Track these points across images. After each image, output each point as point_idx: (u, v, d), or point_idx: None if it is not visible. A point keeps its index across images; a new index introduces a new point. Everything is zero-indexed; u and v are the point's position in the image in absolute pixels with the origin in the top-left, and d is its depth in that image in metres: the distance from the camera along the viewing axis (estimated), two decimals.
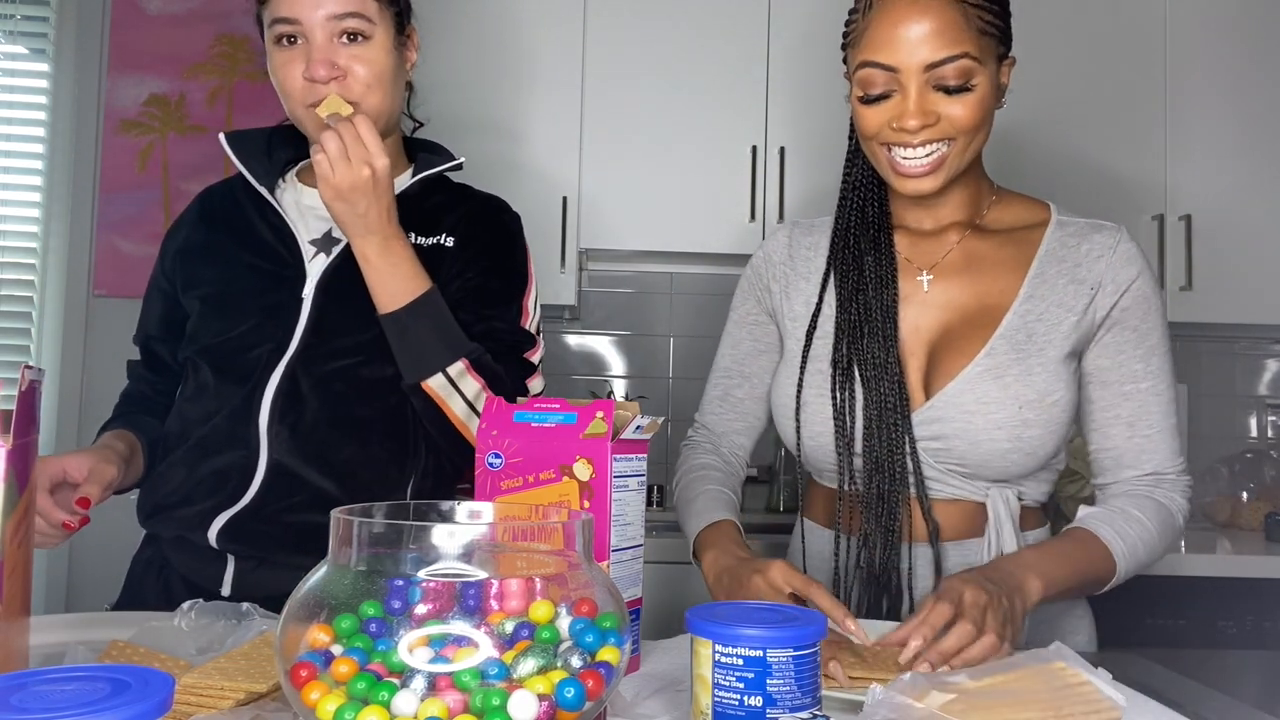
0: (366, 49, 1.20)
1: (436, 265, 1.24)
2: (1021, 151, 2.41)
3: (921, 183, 1.10)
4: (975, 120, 1.07)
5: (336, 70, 1.18)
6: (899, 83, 1.07)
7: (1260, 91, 2.50)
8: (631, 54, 2.49)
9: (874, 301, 1.16)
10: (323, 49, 1.18)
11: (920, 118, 1.06)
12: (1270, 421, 2.78)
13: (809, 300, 1.23)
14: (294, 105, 1.22)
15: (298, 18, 1.18)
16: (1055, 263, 1.15)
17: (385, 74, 1.22)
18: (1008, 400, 1.10)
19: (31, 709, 0.44)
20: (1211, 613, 2.05)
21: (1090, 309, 1.13)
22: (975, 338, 1.14)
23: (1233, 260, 2.47)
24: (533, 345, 1.29)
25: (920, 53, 1.04)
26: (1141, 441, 1.14)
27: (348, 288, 1.21)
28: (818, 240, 1.27)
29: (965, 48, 1.04)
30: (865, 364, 1.14)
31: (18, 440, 0.66)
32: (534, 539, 0.69)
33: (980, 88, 1.06)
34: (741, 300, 1.33)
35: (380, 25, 1.21)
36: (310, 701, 0.58)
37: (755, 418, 1.33)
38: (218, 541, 1.17)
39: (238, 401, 1.21)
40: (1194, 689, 0.91)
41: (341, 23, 1.18)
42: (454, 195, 1.37)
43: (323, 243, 1.27)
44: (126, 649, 0.83)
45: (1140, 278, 1.14)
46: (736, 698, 0.67)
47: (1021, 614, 0.97)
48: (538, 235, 2.46)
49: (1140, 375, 1.13)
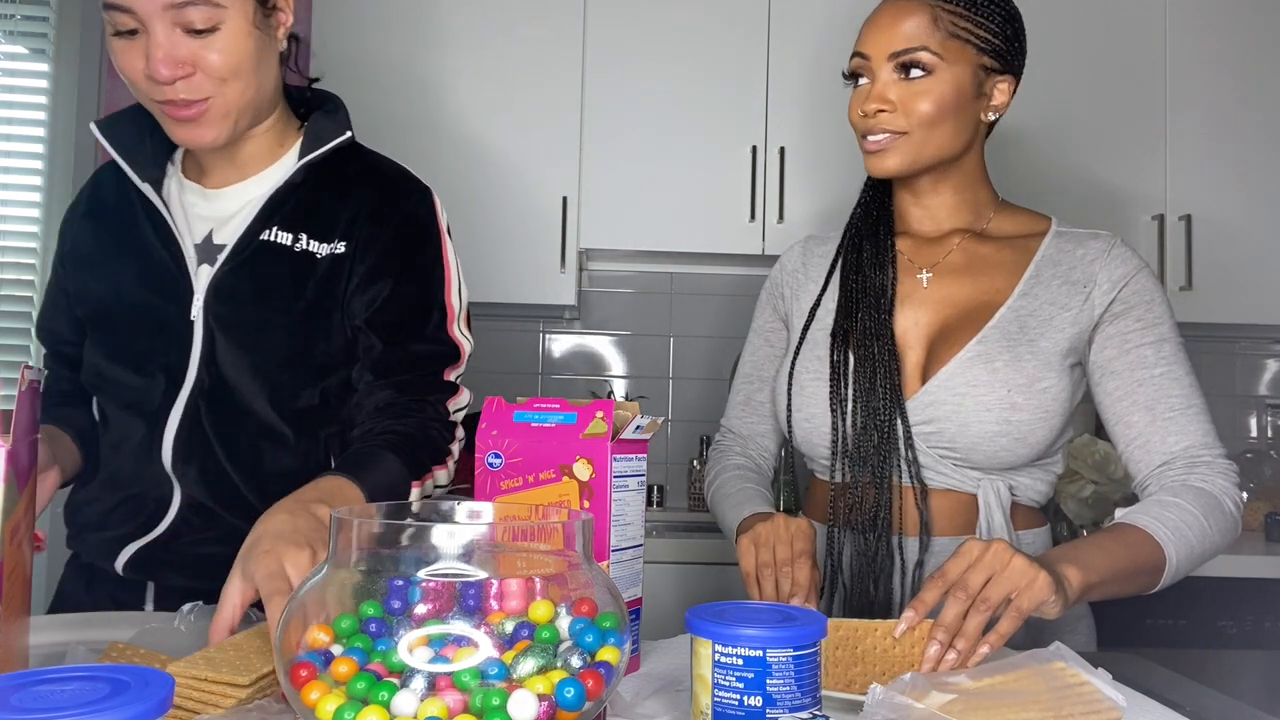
0: (216, 38, 1.03)
1: (333, 276, 1.15)
2: (1022, 152, 2.41)
3: (882, 159, 1.17)
4: (926, 111, 1.14)
5: (182, 68, 1.03)
6: (869, 69, 1.17)
7: (1260, 92, 2.50)
8: (631, 54, 2.49)
9: (870, 282, 1.21)
10: (163, 44, 1.01)
11: (875, 102, 1.15)
12: (1270, 421, 2.78)
13: (815, 295, 1.29)
14: (142, 98, 1.09)
15: (130, 6, 1.01)
16: (1051, 266, 1.19)
17: (244, 61, 1.06)
18: (996, 384, 1.13)
19: (31, 709, 0.44)
20: (1211, 613, 2.05)
21: (1086, 306, 1.16)
22: (970, 330, 1.17)
23: (1233, 260, 2.47)
24: (455, 359, 1.19)
25: (882, 41, 1.15)
26: (1165, 423, 1.11)
27: (235, 310, 1.12)
28: (829, 250, 1.33)
29: (925, 42, 1.13)
30: (859, 341, 1.18)
31: (17, 440, 0.66)
32: (534, 539, 0.69)
33: (938, 83, 1.14)
34: (759, 311, 1.39)
35: (232, 5, 1.03)
36: (310, 701, 0.58)
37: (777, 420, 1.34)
38: (125, 570, 1.13)
39: (139, 438, 1.13)
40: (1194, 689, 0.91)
41: (182, 13, 1.01)
42: (349, 176, 1.20)
43: (204, 250, 1.15)
44: (126, 650, 0.83)
45: (1138, 275, 1.16)
46: (736, 698, 0.67)
47: (1046, 585, 0.89)
48: (538, 235, 2.48)
49: (1152, 362, 1.13)
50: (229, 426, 1.12)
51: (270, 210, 1.16)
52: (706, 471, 1.39)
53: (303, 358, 1.14)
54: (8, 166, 2.69)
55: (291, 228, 1.15)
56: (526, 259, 2.46)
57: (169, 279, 1.14)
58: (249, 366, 1.12)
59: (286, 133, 1.20)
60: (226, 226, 1.17)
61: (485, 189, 2.46)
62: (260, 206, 1.15)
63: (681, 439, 2.75)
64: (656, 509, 2.64)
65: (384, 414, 1.13)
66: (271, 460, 1.13)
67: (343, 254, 1.15)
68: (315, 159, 1.16)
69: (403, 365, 1.15)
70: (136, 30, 1.03)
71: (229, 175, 1.19)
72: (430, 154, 2.45)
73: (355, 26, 2.46)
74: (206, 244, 1.16)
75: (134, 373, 1.14)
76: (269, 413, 1.13)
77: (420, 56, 2.47)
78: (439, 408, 1.17)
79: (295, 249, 1.15)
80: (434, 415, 1.16)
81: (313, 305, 1.15)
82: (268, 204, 1.15)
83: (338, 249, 1.15)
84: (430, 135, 2.45)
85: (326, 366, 1.16)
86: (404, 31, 2.47)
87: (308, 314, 1.14)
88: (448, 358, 1.19)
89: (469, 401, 1.21)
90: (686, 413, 2.78)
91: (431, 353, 1.18)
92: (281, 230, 1.16)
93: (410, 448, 1.10)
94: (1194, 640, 2.03)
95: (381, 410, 1.14)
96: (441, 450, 1.15)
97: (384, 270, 1.16)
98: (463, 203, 2.45)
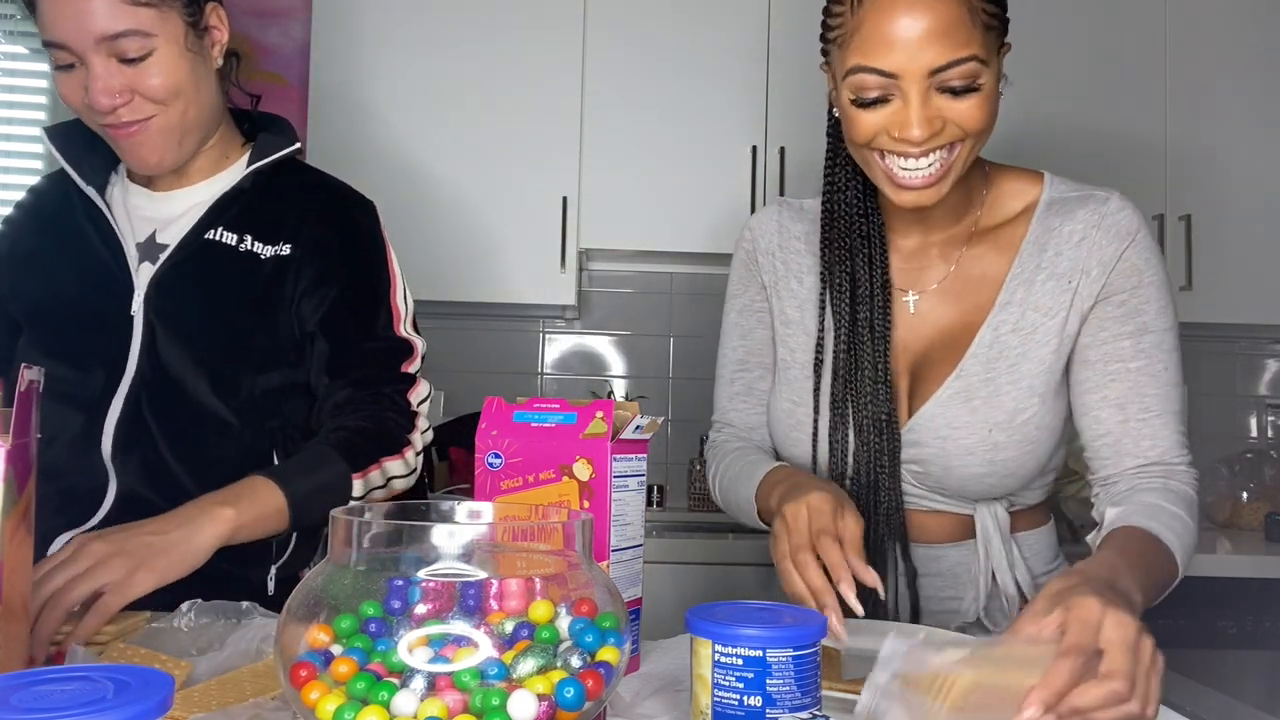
0: (151, 65, 1.07)
1: (278, 277, 1.17)
2: (1021, 153, 2.40)
3: (922, 195, 1.00)
4: (982, 122, 0.97)
5: (121, 96, 1.07)
6: (898, 88, 0.95)
7: (1261, 91, 2.50)
8: (632, 54, 2.49)
9: (865, 335, 1.09)
10: (100, 76, 1.05)
11: (925, 127, 0.95)
12: (1270, 421, 2.78)
13: (801, 307, 1.18)
14: (90, 124, 1.13)
15: (65, 42, 1.05)
16: (1036, 254, 1.08)
17: (180, 82, 1.10)
18: (977, 424, 1.06)
19: (31, 709, 0.44)
20: (1211, 613, 2.05)
21: (1074, 304, 1.06)
22: (949, 359, 1.10)
23: (1233, 260, 2.47)
24: (409, 353, 1.22)
25: (922, 57, 0.93)
26: (1138, 426, 1.02)
27: (176, 304, 1.14)
28: (806, 231, 1.19)
29: (973, 49, 0.94)
30: (858, 400, 1.09)
31: (17, 440, 0.66)
32: (534, 539, 0.69)
33: (987, 86, 0.96)
34: (742, 287, 1.24)
35: (163, 32, 1.07)
36: (310, 701, 0.58)
37: None
38: None
39: (77, 429, 1.13)
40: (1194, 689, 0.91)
41: (114, 45, 1.05)
42: (295, 186, 1.24)
43: (146, 249, 1.18)
44: (127, 650, 0.83)
45: (1130, 249, 1.04)
46: (736, 698, 0.67)
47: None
48: (538, 235, 2.48)
49: (1129, 354, 1.03)
50: (171, 416, 1.14)
51: (216, 213, 1.19)
52: (707, 470, 1.28)
53: (244, 350, 1.17)
54: (7, 166, 2.70)
55: (236, 229, 1.18)
56: (526, 259, 2.46)
57: (108, 277, 1.17)
58: (191, 357, 1.14)
59: (231, 147, 1.25)
60: (171, 227, 1.19)
61: (485, 189, 2.46)
62: (206, 209, 1.18)
63: (681, 439, 2.75)
64: (656, 509, 2.64)
65: (341, 411, 1.16)
66: (214, 448, 1.15)
67: (288, 256, 1.18)
68: (264, 166, 1.20)
69: (356, 362, 1.18)
70: (74, 64, 1.07)
71: (174, 181, 1.22)
72: (430, 154, 2.45)
73: (355, 28, 2.46)
74: (149, 243, 1.19)
75: (72, 368, 1.15)
76: (213, 401, 1.15)
77: (420, 57, 2.47)
78: (397, 399, 1.19)
79: (240, 249, 1.18)
80: (390, 406, 1.18)
81: (256, 300, 1.17)
82: (214, 207, 1.18)
83: (283, 251, 1.19)
84: (430, 136, 2.45)
85: (267, 362, 1.18)
86: (404, 32, 2.47)
87: (250, 308, 1.17)
88: (401, 352, 1.22)
89: (430, 393, 1.24)
90: (686, 413, 2.77)
91: (384, 349, 1.21)
92: (226, 231, 1.19)
93: (356, 441, 1.12)
94: (1194, 640, 2.03)
95: (340, 408, 1.17)
96: (398, 440, 1.17)
97: (331, 274, 1.19)
98: (463, 203, 2.45)
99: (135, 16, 1.05)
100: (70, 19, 1.04)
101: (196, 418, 1.15)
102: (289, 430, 1.20)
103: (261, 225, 1.19)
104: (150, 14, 1.06)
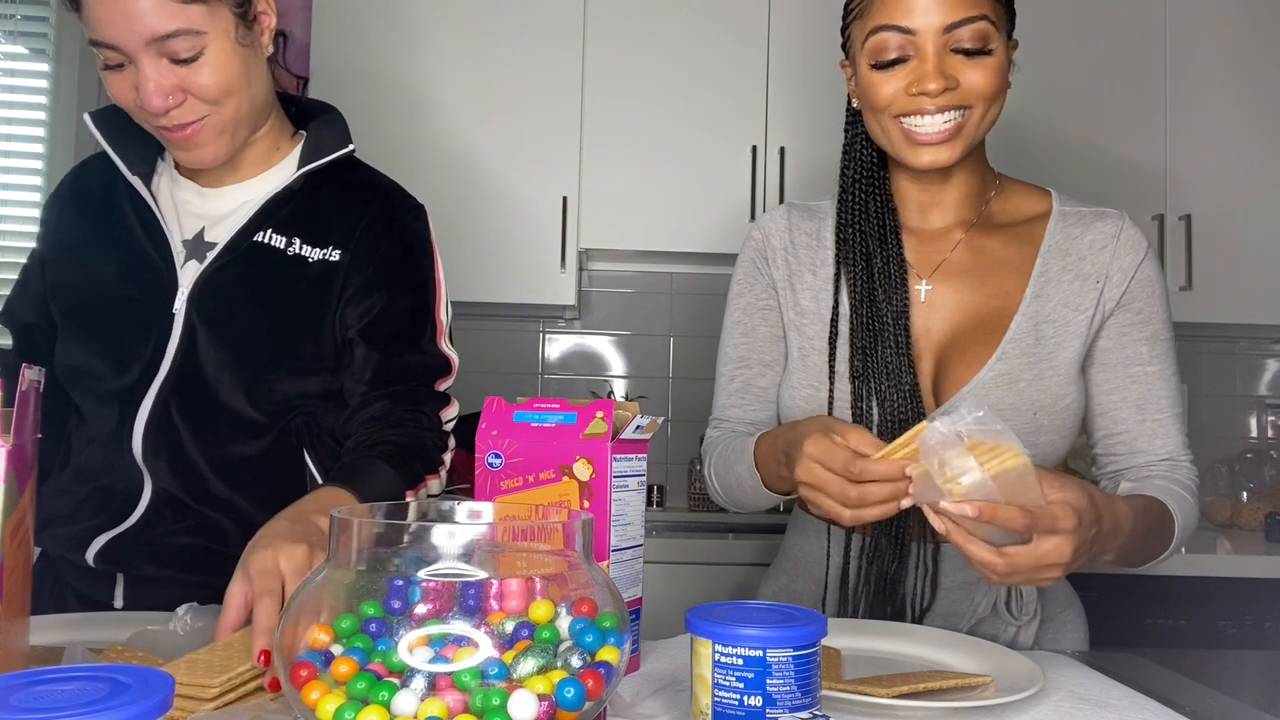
0: (203, 63, 1.05)
1: (326, 282, 1.15)
2: (1022, 153, 2.41)
3: (939, 151, 1.05)
4: (993, 86, 1.04)
5: (174, 97, 1.04)
6: (915, 46, 1.03)
7: (1261, 91, 2.50)
8: (631, 54, 2.49)
9: (884, 308, 1.12)
10: (152, 77, 1.03)
11: (939, 80, 1.02)
12: (1270, 421, 2.78)
13: (816, 297, 1.19)
14: (140, 122, 1.11)
15: (115, 43, 1.02)
16: (1059, 257, 1.14)
17: (233, 78, 1.07)
18: (1023, 407, 1.09)
19: (31, 709, 0.44)
20: (1211, 613, 2.05)
21: (1100, 305, 1.12)
22: (985, 342, 1.12)
23: (1233, 260, 2.47)
24: (447, 371, 1.22)
25: (938, 13, 1.02)
26: (1153, 426, 1.11)
27: (222, 306, 1.12)
28: (818, 228, 1.22)
29: (983, 9, 1.02)
30: (879, 374, 1.11)
31: (17, 440, 0.66)
32: (534, 539, 0.69)
33: (998, 54, 1.04)
34: (748, 285, 1.25)
35: (213, 29, 1.04)
36: (310, 701, 0.58)
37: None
38: (95, 562, 1.12)
39: (109, 430, 1.13)
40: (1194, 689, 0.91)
41: (165, 45, 1.02)
42: (347, 188, 1.21)
43: (194, 246, 1.15)
44: (125, 651, 0.83)
45: (1145, 262, 1.13)
46: (736, 698, 0.67)
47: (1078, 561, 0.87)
48: (538, 235, 2.48)
49: (1146, 359, 1.12)
50: (201, 419, 1.13)
51: (267, 213, 1.16)
52: (705, 466, 1.28)
53: (290, 358, 1.15)
54: (8, 166, 2.70)
55: (286, 231, 1.16)
56: (526, 259, 2.46)
57: (152, 271, 1.14)
58: (231, 361, 1.12)
59: (282, 137, 1.22)
60: (220, 225, 1.17)
61: (485, 189, 2.47)
62: (257, 209, 1.16)
63: (681, 439, 2.75)
64: (656, 509, 2.64)
65: (379, 424, 1.14)
66: (241, 448, 1.14)
67: (338, 261, 1.16)
68: (316, 168, 1.17)
69: (398, 376, 1.16)
70: (123, 64, 1.04)
71: (224, 176, 1.19)
72: (431, 154, 2.45)
73: (355, 31, 2.46)
74: (197, 241, 1.16)
75: (112, 366, 1.13)
76: (244, 406, 1.13)
77: (420, 58, 2.47)
78: (433, 418, 1.18)
79: (288, 252, 1.16)
80: (428, 425, 1.17)
81: (303, 307, 1.15)
82: (264, 207, 1.16)
83: (332, 256, 1.16)
84: (431, 136, 2.45)
85: (312, 368, 1.16)
86: (404, 34, 2.47)
87: (297, 315, 1.15)
88: (440, 370, 1.21)
89: (457, 413, 1.24)
90: (686, 413, 2.78)
91: (425, 364, 1.19)
92: (276, 233, 1.16)
93: (404, 457, 1.11)
94: (1194, 640, 2.02)
95: (377, 420, 1.15)
96: (435, 460, 1.17)
97: (381, 283, 1.17)
98: (463, 203, 2.45)
99: (185, 14, 1.02)
100: (119, 20, 1.01)
101: (226, 423, 1.13)
102: (314, 428, 1.18)
103: (311, 227, 1.17)
104: (200, 10, 1.03)
